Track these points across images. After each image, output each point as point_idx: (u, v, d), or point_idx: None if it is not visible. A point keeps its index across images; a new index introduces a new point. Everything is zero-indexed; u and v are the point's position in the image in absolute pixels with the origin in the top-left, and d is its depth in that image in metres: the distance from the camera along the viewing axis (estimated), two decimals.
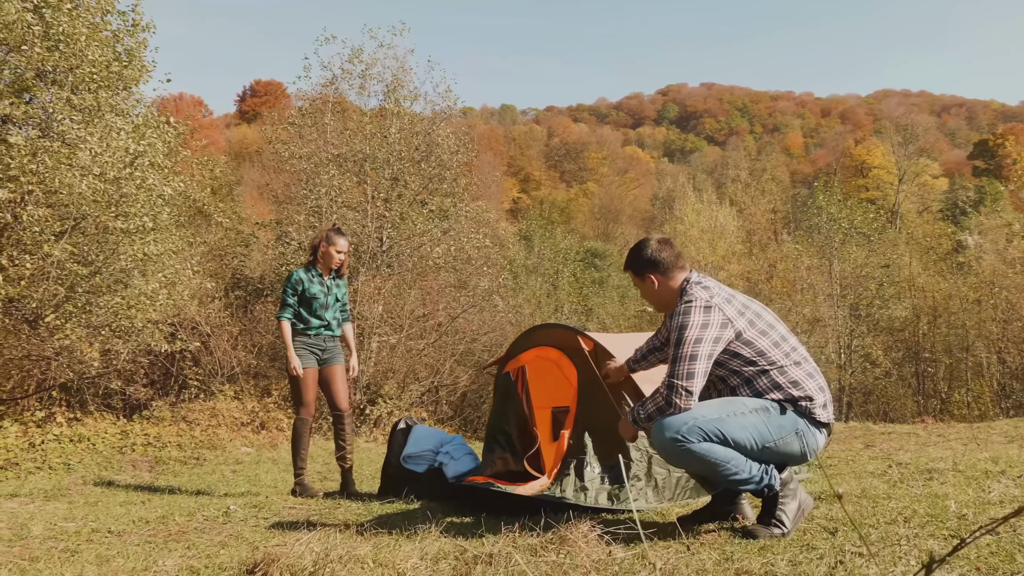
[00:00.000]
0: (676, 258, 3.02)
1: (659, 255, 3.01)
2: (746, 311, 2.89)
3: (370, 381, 13.89)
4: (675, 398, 2.72)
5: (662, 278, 3.00)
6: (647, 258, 3.01)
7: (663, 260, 3.00)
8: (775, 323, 2.94)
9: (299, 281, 5.06)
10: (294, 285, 5.05)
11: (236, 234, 17.45)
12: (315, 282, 5.10)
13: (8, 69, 9.14)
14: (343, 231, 5.33)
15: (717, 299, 2.85)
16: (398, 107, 15.83)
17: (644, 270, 3.03)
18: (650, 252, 3.01)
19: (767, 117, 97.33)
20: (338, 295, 5.23)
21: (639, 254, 3.05)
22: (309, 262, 5.26)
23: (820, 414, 2.86)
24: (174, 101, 50.73)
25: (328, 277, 5.20)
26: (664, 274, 3.00)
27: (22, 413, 9.93)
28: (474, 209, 16.69)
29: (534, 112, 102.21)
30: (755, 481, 2.78)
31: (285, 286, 5.12)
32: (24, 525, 3.55)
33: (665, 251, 3.02)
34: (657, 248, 3.02)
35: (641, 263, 3.03)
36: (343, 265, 5.26)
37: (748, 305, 2.93)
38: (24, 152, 8.48)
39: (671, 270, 3.00)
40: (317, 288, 5.08)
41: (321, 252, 5.15)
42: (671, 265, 3.00)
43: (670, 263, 3.00)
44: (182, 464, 7.47)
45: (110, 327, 10.01)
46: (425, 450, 4.67)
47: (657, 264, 3.00)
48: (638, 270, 3.05)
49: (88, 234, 9.42)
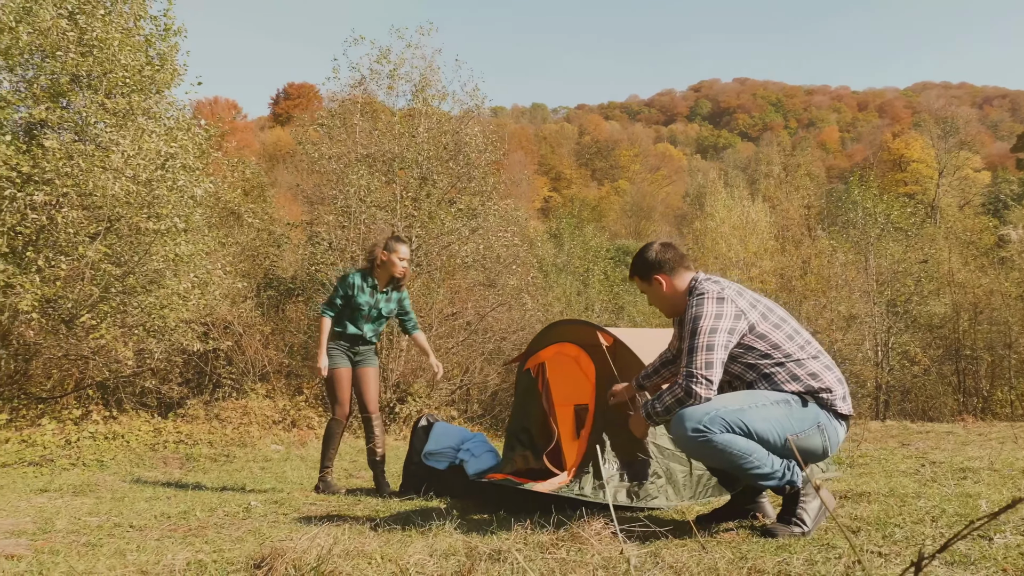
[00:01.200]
0: (680, 258, 3.02)
1: (663, 256, 3.00)
2: (758, 304, 2.87)
3: (399, 380, 13.96)
4: (695, 387, 2.66)
5: (668, 277, 2.99)
6: (651, 260, 3.01)
7: (667, 260, 2.99)
8: (787, 318, 2.91)
9: (351, 285, 4.88)
10: (346, 288, 4.88)
11: (268, 234, 17.67)
12: (366, 292, 4.90)
13: (44, 74, 9.36)
14: (403, 238, 5.06)
15: (728, 292, 2.83)
16: (426, 106, 15.87)
17: (650, 272, 3.01)
18: (653, 254, 3.01)
19: (802, 112, 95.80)
20: (385, 311, 5.00)
21: (643, 257, 3.04)
22: (366, 268, 4.98)
23: (841, 406, 2.80)
24: (209, 104, 51.62)
25: (384, 288, 4.97)
26: (670, 273, 2.98)
27: (60, 411, 10.17)
28: (503, 208, 16.66)
29: (565, 110, 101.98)
30: (777, 477, 2.70)
31: (338, 284, 4.94)
32: (49, 519, 3.61)
33: (668, 252, 3.02)
34: (660, 249, 3.02)
35: (646, 266, 3.02)
36: (404, 274, 5.01)
37: (759, 299, 2.91)
38: (59, 155, 8.66)
39: (676, 269, 2.99)
40: (365, 299, 4.88)
41: (380, 260, 4.90)
42: (676, 264, 2.99)
43: (675, 262, 2.99)
44: (212, 461, 7.56)
45: (143, 327, 10.19)
46: (446, 447, 4.66)
47: (662, 264, 2.99)
48: (644, 274, 3.04)
49: (121, 235, 9.60)
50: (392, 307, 5.10)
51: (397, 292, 5.08)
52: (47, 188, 8.61)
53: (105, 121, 9.47)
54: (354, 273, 4.93)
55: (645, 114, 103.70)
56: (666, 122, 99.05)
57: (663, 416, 2.79)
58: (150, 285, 10.02)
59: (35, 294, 8.37)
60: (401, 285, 5.08)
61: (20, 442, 7.91)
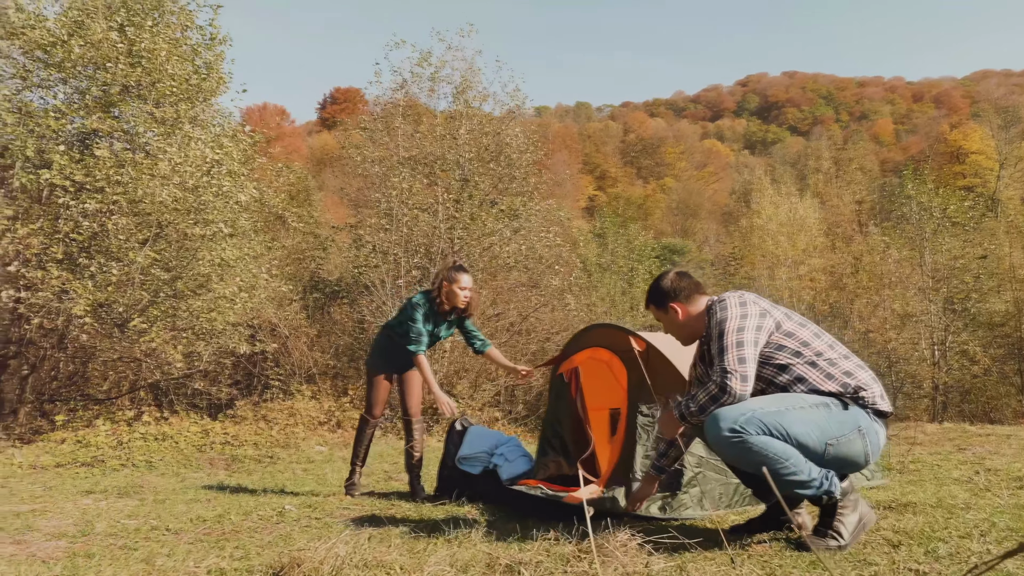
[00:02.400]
0: (696, 286, 3.01)
1: (678, 284, 2.99)
2: (778, 306, 2.87)
3: (443, 381, 14.02)
4: (730, 382, 2.59)
5: (684, 305, 2.98)
6: (666, 289, 3.00)
7: (683, 288, 2.98)
8: (807, 321, 2.87)
9: (418, 305, 4.75)
10: (414, 310, 4.73)
11: (314, 238, 17.96)
12: (430, 318, 4.76)
13: (96, 85, 9.64)
14: (466, 267, 4.89)
15: (748, 296, 2.84)
16: (468, 108, 15.91)
17: (665, 300, 3.00)
18: (668, 283, 3.01)
19: (854, 104, 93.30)
20: (442, 335, 4.90)
21: (658, 286, 3.04)
22: (432, 292, 4.80)
23: (881, 403, 2.71)
24: (258, 110, 52.73)
25: (448, 317, 4.85)
26: (685, 301, 2.98)
27: (115, 412, 10.47)
28: (544, 208, 16.60)
29: (609, 108, 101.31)
30: (814, 485, 2.59)
31: (412, 312, 4.73)
32: (90, 521, 3.69)
33: (683, 280, 3.01)
34: (675, 278, 3.02)
35: (661, 295, 3.01)
36: (470, 304, 4.83)
37: (777, 305, 2.89)
38: (110, 164, 8.92)
39: (692, 296, 2.98)
40: (422, 326, 4.72)
41: (445, 291, 4.76)
42: (691, 292, 2.98)
43: (690, 289, 2.98)
44: (256, 462, 7.68)
45: (192, 330, 10.44)
46: (480, 451, 4.64)
47: (677, 292, 2.98)
48: (659, 302, 3.03)
49: (170, 241, 9.84)
50: (450, 332, 5.02)
51: (461, 319, 4.94)
52: (99, 196, 8.87)
53: (154, 130, 9.73)
54: (419, 295, 4.83)
55: (691, 110, 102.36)
56: (713, 118, 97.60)
57: (697, 416, 2.71)
58: (199, 289, 10.25)
59: (88, 299, 8.63)
60: (467, 314, 4.91)
61: (75, 443, 8.16)
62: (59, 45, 9.07)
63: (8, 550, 3.07)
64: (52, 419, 9.53)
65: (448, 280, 4.79)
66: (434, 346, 5.08)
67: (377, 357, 4.95)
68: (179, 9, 10.77)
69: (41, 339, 10.11)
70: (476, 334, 5.02)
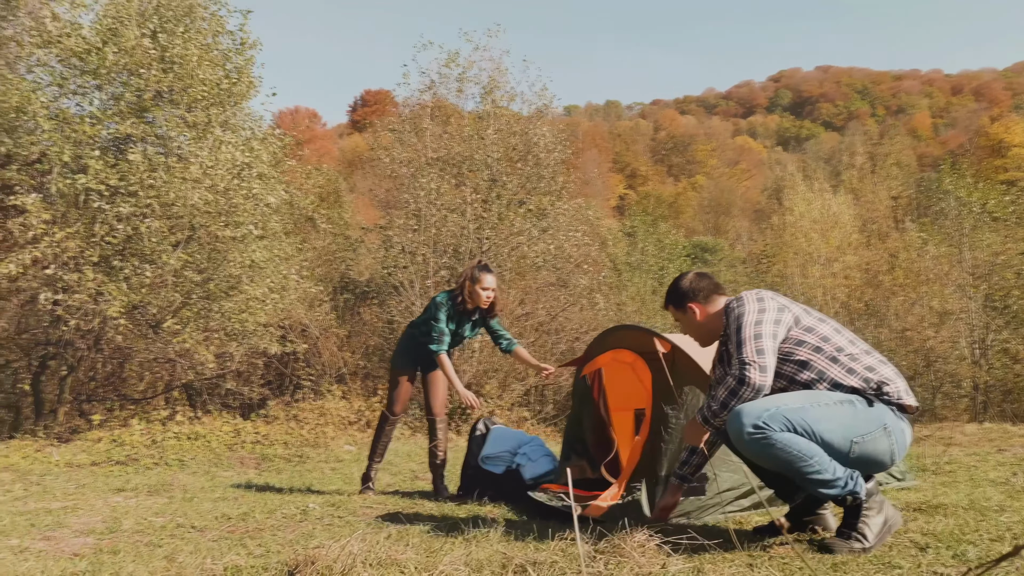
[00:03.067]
0: (715, 287, 2.98)
1: (696, 284, 2.97)
2: (796, 302, 2.82)
3: (471, 380, 14.04)
4: (749, 373, 2.55)
5: (702, 306, 2.94)
6: (685, 289, 2.97)
7: (701, 288, 2.95)
8: (826, 317, 2.81)
9: (441, 305, 4.75)
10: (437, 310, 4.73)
11: (344, 239, 18.12)
12: (452, 318, 4.77)
13: (129, 91, 9.83)
14: (490, 267, 4.86)
15: (766, 293, 2.81)
16: (496, 108, 15.92)
17: (683, 301, 2.97)
18: (687, 283, 2.98)
19: (890, 98, 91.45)
20: (467, 335, 4.90)
21: (676, 287, 3.01)
22: (455, 292, 4.80)
23: (906, 398, 2.64)
24: (290, 114, 53.41)
25: (470, 315, 4.83)
26: (703, 302, 2.94)
27: (150, 412, 10.67)
28: (573, 207, 16.55)
29: (639, 106, 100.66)
30: (839, 485, 2.53)
31: (436, 312, 4.73)
32: (119, 519, 3.76)
33: (703, 281, 2.98)
34: (694, 279, 2.99)
35: (679, 295, 2.98)
36: (493, 304, 4.81)
37: (794, 301, 2.85)
38: (143, 168, 9.09)
39: (710, 297, 2.94)
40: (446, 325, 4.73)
41: (468, 291, 4.73)
42: (710, 291, 2.95)
43: (709, 289, 2.95)
44: (286, 461, 7.77)
45: (224, 331, 10.60)
46: (503, 451, 4.63)
47: (696, 293, 2.94)
48: (678, 303, 3.00)
49: (201, 243, 9.99)
50: (476, 332, 5.01)
51: (486, 318, 4.91)
52: (132, 200, 9.05)
53: (185, 134, 9.89)
54: (443, 295, 4.83)
55: (723, 107, 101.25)
56: (745, 114, 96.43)
57: (720, 415, 2.66)
58: (230, 291, 10.40)
59: (122, 300, 8.81)
60: (492, 314, 4.88)
61: (111, 441, 8.33)
62: (94, 52, 9.26)
63: (38, 546, 3.14)
64: (90, 419, 9.74)
65: (471, 280, 4.78)
66: (460, 345, 5.07)
67: (401, 355, 4.97)
68: (210, 15, 10.93)
69: (78, 340, 10.34)
70: (503, 333, 5.00)
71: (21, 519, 3.77)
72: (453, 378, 4.71)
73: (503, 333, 5.00)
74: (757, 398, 2.55)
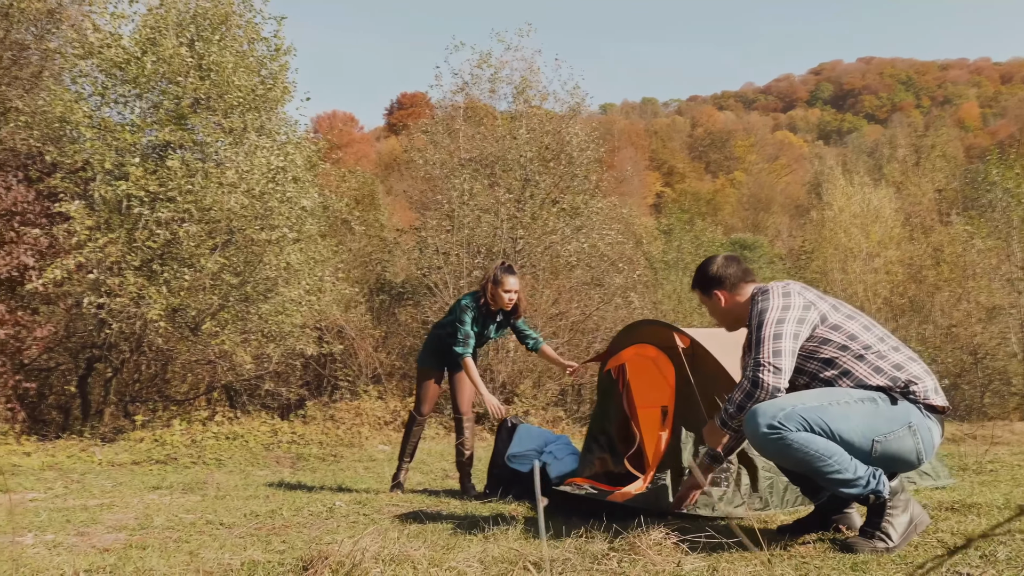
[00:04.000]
0: (743, 273, 2.90)
1: (724, 271, 2.89)
2: (826, 297, 2.73)
3: (505, 380, 14.06)
4: (761, 374, 2.50)
5: (728, 294, 2.88)
6: (712, 275, 2.90)
7: (729, 275, 2.88)
8: (856, 313, 2.72)
9: (466, 307, 4.72)
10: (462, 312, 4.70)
11: (379, 241, 18.30)
12: (477, 320, 4.73)
13: (168, 99, 10.06)
14: (513, 268, 4.79)
15: (793, 287, 2.71)
16: (528, 107, 15.93)
17: (710, 287, 2.91)
18: (715, 269, 2.91)
19: (935, 89, 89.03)
20: (492, 335, 4.89)
21: (704, 271, 2.94)
22: (479, 293, 4.77)
23: (934, 398, 2.55)
24: (327, 118, 54.12)
25: (495, 316, 4.81)
26: (731, 289, 2.87)
27: (191, 413, 10.91)
28: (607, 205, 16.46)
29: (676, 103, 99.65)
30: (861, 484, 2.47)
31: (461, 315, 4.70)
32: (150, 516, 3.85)
33: (731, 267, 2.90)
34: (723, 264, 2.91)
35: (706, 280, 2.93)
36: (517, 306, 4.76)
37: (824, 295, 2.76)
38: (180, 174, 9.29)
39: (737, 284, 2.87)
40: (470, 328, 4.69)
41: (490, 293, 4.69)
42: (737, 280, 2.87)
43: (736, 277, 2.88)
44: (320, 461, 7.87)
45: (261, 332, 10.78)
46: (529, 449, 4.62)
47: (723, 280, 2.88)
48: (705, 288, 2.95)
49: (238, 246, 10.18)
50: (502, 332, 4.98)
51: (511, 319, 4.88)
52: (171, 205, 9.26)
53: (222, 139, 10.09)
54: (467, 296, 4.82)
55: (761, 102, 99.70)
56: (784, 109, 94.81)
57: (737, 418, 2.62)
58: (267, 293, 10.58)
59: (162, 304, 9.02)
60: (517, 315, 4.83)
61: (152, 441, 8.54)
62: (133, 62, 9.50)
63: (72, 541, 3.23)
64: (133, 419, 9.99)
65: (493, 282, 4.74)
66: (485, 345, 5.07)
67: (428, 356, 4.99)
68: (245, 23, 11.14)
69: (122, 343, 10.62)
70: (528, 332, 4.98)
71: (58, 515, 3.89)
72: (478, 382, 4.69)
73: (529, 332, 4.98)
74: (773, 398, 2.49)
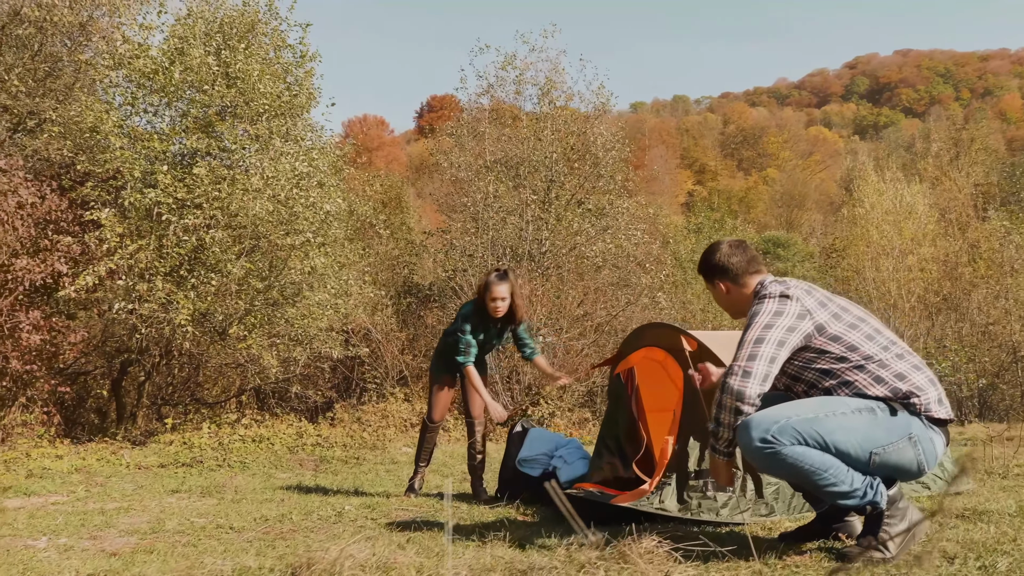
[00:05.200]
0: (748, 262, 2.80)
1: (728, 260, 2.81)
2: (829, 303, 2.61)
3: (532, 382, 14.05)
4: (729, 379, 2.43)
5: (732, 284, 2.81)
6: (715, 263, 2.83)
7: (732, 266, 2.80)
8: (866, 316, 2.62)
9: (467, 315, 4.73)
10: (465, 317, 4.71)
11: (406, 244, 18.43)
12: (478, 327, 4.76)
13: (195, 107, 10.25)
14: (506, 274, 4.73)
15: (794, 290, 2.60)
16: (552, 109, 15.92)
17: (713, 276, 2.86)
18: (719, 257, 2.83)
19: (976, 80, 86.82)
20: (495, 343, 4.92)
21: (708, 259, 2.87)
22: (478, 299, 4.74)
23: (937, 410, 2.47)
24: (358, 122, 54.63)
25: (495, 323, 4.78)
26: (734, 281, 2.80)
27: (220, 415, 11.10)
28: (633, 205, 16.38)
29: (708, 100, 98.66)
30: (857, 496, 2.43)
31: (462, 324, 4.71)
32: (163, 520, 3.92)
33: (736, 255, 2.81)
34: (728, 252, 2.82)
35: (709, 269, 2.87)
36: (514, 312, 4.69)
37: (832, 298, 2.65)
38: (207, 181, 9.46)
39: (741, 276, 2.79)
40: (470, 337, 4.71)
41: (483, 300, 4.66)
42: (742, 271, 2.79)
43: (740, 268, 2.79)
44: (343, 463, 7.94)
45: (288, 336, 10.92)
46: (540, 454, 4.61)
47: (726, 270, 2.81)
48: (708, 275, 2.90)
49: (263, 251, 10.33)
50: (504, 339, 4.95)
51: (511, 325, 4.84)
52: (197, 212, 9.43)
53: (245, 146, 10.24)
54: (468, 304, 4.82)
55: (795, 97, 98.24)
56: (819, 104, 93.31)
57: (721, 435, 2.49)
58: (294, 296, 10.71)
59: (189, 308, 9.19)
60: (515, 321, 4.79)
61: (181, 444, 8.70)
62: (161, 72, 9.70)
63: (84, 544, 3.31)
64: (164, 422, 10.20)
65: (484, 289, 4.68)
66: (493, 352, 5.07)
67: (439, 362, 5.02)
68: (271, 31, 11.31)
69: (152, 347, 10.84)
70: (527, 341, 4.96)
71: (75, 519, 3.98)
72: (481, 390, 4.71)
73: (527, 341, 4.95)
74: (742, 404, 2.41)
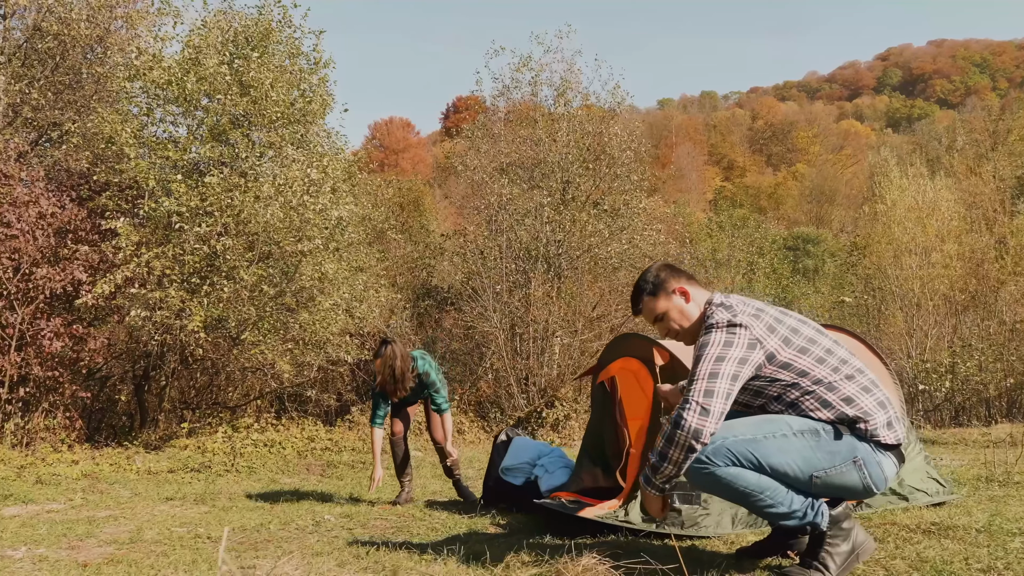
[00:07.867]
0: (679, 275, 2.72)
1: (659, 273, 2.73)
2: (779, 326, 2.50)
3: (547, 384, 14.06)
4: (686, 414, 2.33)
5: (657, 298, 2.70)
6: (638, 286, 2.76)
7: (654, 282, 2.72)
8: (817, 337, 2.52)
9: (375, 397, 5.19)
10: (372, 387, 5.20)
11: (425, 247, 18.53)
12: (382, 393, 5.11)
13: (209, 116, 10.41)
14: (388, 343, 4.92)
15: (742, 316, 2.48)
16: (568, 110, 15.90)
17: (639, 302, 2.75)
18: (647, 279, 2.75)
19: (1013, 70, 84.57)
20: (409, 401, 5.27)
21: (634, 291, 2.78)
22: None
23: (884, 435, 2.41)
24: (384, 125, 55.00)
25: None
26: (654, 294, 2.69)
27: (237, 420, 11.26)
28: (649, 204, 16.28)
29: (736, 95, 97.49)
30: (797, 517, 2.40)
31: (373, 390, 5.19)
32: (144, 529, 4.01)
33: (663, 271, 2.74)
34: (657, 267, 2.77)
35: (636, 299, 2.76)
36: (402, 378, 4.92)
37: (781, 319, 2.53)
38: (219, 189, 9.61)
39: (665, 283, 2.70)
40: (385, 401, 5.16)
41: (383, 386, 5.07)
42: (662, 284, 2.70)
43: (661, 282, 2.70)
44: (349, 468, 8.02)
45: (302, 341, 11.04)
46: (523, 462, 4.63)
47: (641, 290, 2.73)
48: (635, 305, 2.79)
49: (275, 258, 10.46)
50: (419, 394, 5.22)
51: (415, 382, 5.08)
52: (209, 220, 9.59)
53: (257, 154, 10.38)
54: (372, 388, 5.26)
55: (826, 91, 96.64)
56: (850, 97, 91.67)
57: (661, 468, 2.39)
58: (307, 302, 10.83)
59: (202, 315, 9.35)
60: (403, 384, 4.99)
61: (195, 449, 8.86)
62: (175, 83, 9.87)
63: (60, 555, 3.40)
64: (183, 426, 10.39)
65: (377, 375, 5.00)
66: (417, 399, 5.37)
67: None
68: (285, 38, 11.44)
69: (168, 354, 11.04)
70: (434, 397, 5.19)
71: (59, 528, 4.08)
72: (375, 456, 5.07)
73: (434, 396, 5.18)
74: (696, 443, 2.32)
